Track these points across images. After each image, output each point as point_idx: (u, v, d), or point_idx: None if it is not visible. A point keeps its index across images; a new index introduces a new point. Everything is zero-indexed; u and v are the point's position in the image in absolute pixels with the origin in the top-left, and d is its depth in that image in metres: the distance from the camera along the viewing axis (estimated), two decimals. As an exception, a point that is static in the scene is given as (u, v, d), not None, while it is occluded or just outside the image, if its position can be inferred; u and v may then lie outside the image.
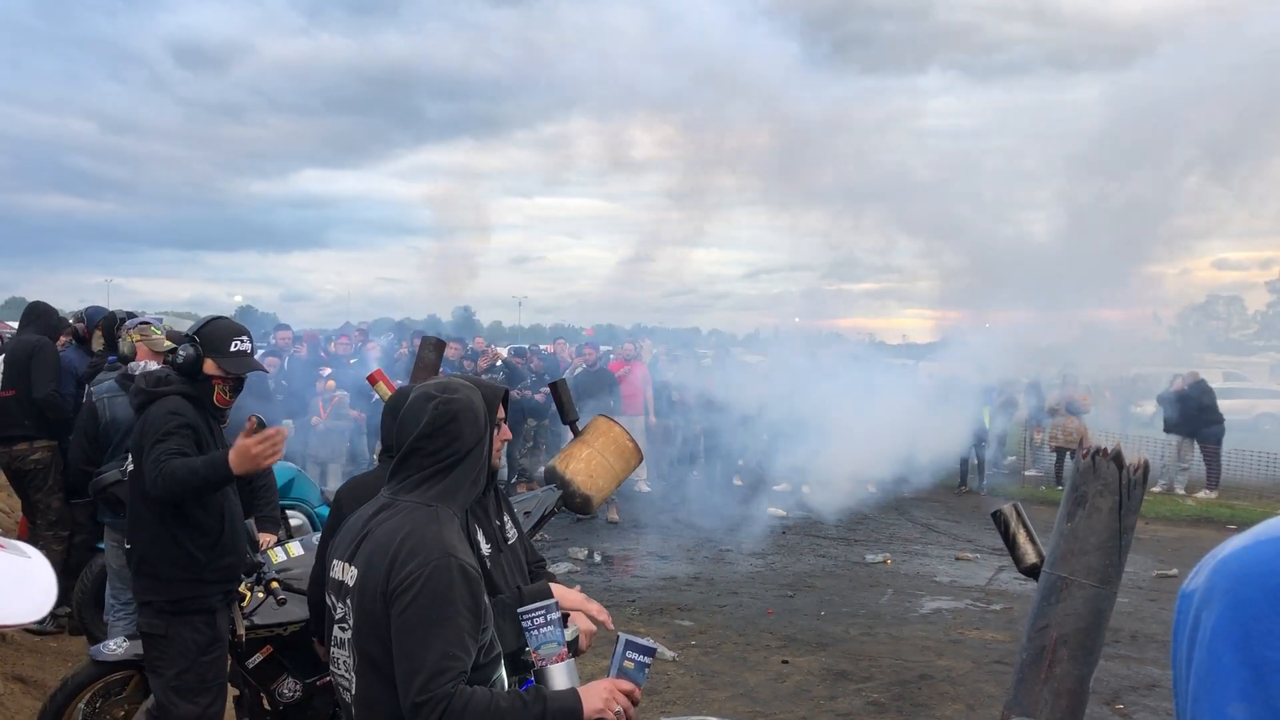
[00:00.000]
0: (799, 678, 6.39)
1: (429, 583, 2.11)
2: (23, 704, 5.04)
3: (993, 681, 6.35)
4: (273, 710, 4.18)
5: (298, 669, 4.12)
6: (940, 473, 16.59)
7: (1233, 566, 0.79)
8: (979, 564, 10.24)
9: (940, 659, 6.86)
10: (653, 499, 13.33)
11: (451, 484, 2.29)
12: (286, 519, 6.88)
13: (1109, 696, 6.13)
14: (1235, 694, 0.74)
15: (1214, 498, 14.80)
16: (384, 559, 2.17)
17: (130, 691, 4.29)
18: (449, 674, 2.07)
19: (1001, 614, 8.19)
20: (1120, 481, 2.83)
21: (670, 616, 7.74)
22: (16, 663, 5.65)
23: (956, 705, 5.99)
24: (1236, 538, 0.81)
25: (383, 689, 2.17)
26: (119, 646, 4.25)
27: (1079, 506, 2.87)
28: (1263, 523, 0.81)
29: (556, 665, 2.39)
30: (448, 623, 2.10)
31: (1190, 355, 18.38)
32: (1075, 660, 2.82)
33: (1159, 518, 12.90)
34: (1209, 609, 0.79)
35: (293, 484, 7.50)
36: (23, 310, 7.19)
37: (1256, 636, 0.74)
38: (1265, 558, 0.77)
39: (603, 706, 2.24)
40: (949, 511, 13.58)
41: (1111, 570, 2.82)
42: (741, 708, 5.78)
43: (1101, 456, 2.88)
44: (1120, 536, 2.82)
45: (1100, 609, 2.83)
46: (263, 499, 4.87)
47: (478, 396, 2.40)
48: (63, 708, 4.13)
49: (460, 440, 2.30)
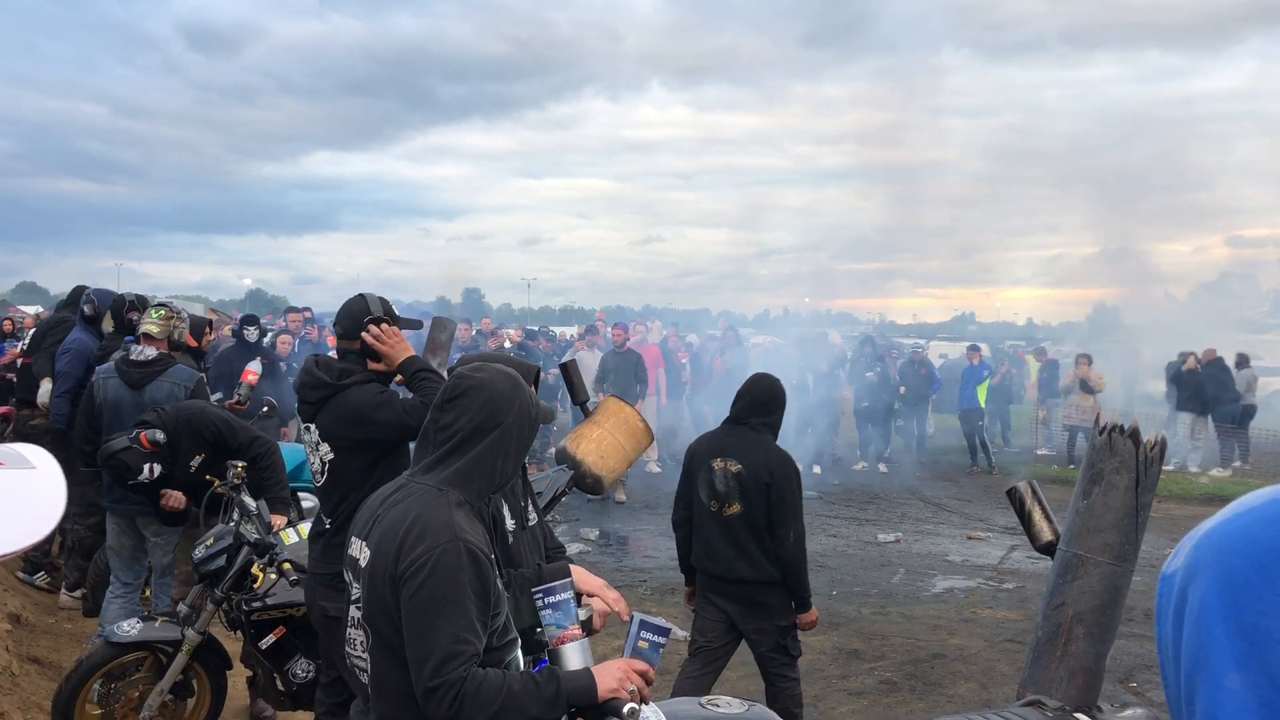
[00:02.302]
0: (811, 657, 6.39)
1: (437, 567, 2.10)
2: (38, 685, 5.07)
3: (1005, 660, 6.35)
4: (286, 690, 4.21)
5: (310, 649, 4.13)
6: (950, 452, 16.60)
7: (1215, 540, 0.79)
8: (991, 543, 10.22)
9: (953, 638, 6.86)
10: (664, 479, 13.34)
11: (465, 468, 2.26)
12: (298, 500, 6.88)
13: (1122, 675, 6.12)
14: (1230, 664, 0.74)
15: (1227, 475, 14.76)
16: (392, 542, 2.16)
17: (144, 672, 4.31)
18: (461, 658, 2.06)
19: (1014, 593, 8.18)
20: (1137, 458, 2.81)
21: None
22: (32, 644, 5.69)
23: (969, 684, 5.99)
24: (1214, 515, 0.81)
25: (397, 670, 2.17)
26: (132, 628, 4.26)
27: (1095, 483, 2.85)
28: (1240, 498, 0.81)
29: (570, 645, 2.38)
30: (457, 606, 2.09)
31: (1204, 333, 18.30)
32: (1091, 638, 2.81)
33: (1171, 496, 12.86)
34: (1195, 585, 0.79)
35: (303, 467, 7.51)
36: (30, 292, 7.59)
37: (1246, 605, 0.74)
38: (1247, 527, 0.77)
39: (617, 686, 2.23)
40: (960, 491, 13.55)
41: (1128, 548, 2.80)
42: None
43: (1118, 433, 2.85)
44: (1137, 514, 2.80)
45: (1117, 586, 2.81)
46: (270, 480, 4.88)
47: (506, 383, 2.33)
48: (77, 688, 4.15)
49: (468, 416, 2.26)
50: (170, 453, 4.76)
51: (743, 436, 4.59)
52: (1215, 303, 31.17)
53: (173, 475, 4.80)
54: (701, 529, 4.63)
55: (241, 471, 4.46)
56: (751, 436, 4.58)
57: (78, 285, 7.56)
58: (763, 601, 4.55)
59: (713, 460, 4.58)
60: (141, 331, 5.32)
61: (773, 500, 4.46)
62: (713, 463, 4.58)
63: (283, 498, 4.92)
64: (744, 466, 4.49)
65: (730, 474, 4.51)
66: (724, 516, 4.53)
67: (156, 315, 5.31)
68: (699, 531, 4.65)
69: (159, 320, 5.28)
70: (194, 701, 4.43)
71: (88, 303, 6.86)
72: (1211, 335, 18.03)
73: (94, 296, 6.84)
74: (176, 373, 5.22)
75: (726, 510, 4.52)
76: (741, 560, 4.51)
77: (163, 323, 5.28)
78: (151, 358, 5.18)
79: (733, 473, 4.51)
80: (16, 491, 0.69)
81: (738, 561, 4.52)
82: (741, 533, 4.51)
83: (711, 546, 4.59)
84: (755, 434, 4.58)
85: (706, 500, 4.58)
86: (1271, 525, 0.76)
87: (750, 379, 4.79)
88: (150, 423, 4.72)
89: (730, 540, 4.53)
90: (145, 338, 5.26)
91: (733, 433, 4.64)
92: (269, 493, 4.80)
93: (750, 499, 4.47)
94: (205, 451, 4.87)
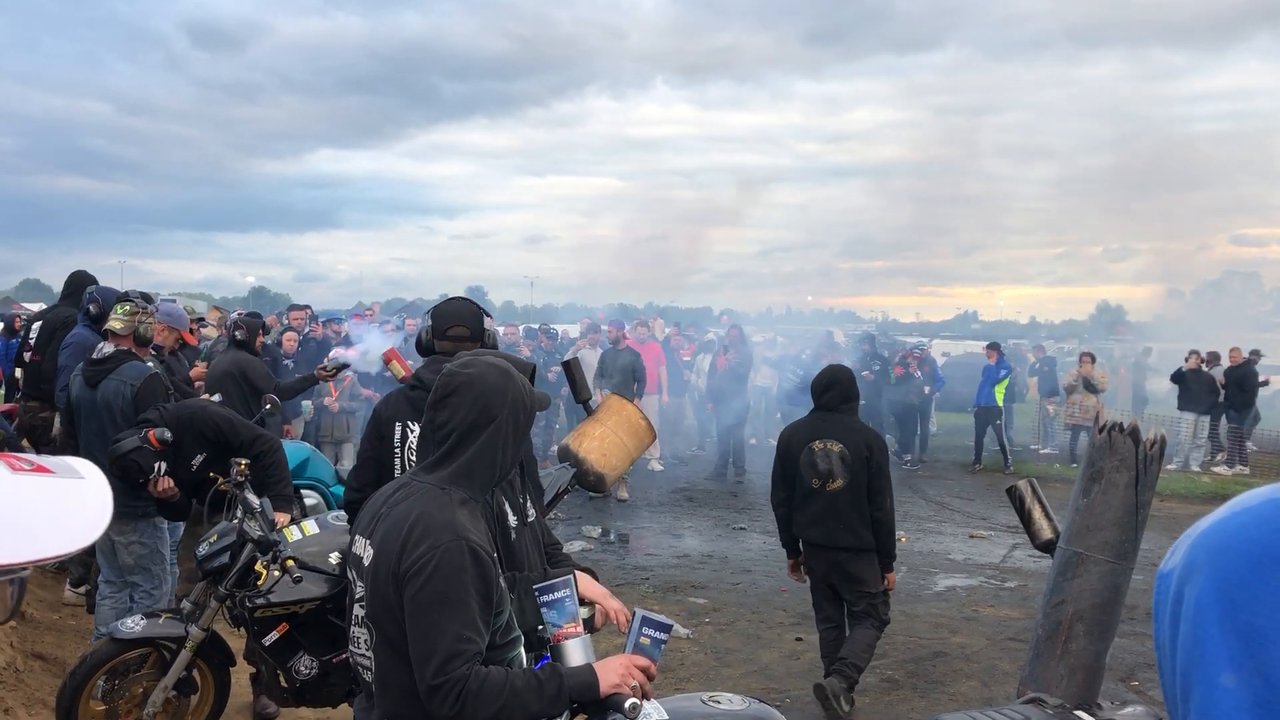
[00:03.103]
0: (813, 655, 6.39)
1: (440, 566, 2.10)
2: (42, 681, 5.09)
3: (1007, 658, 6.35)
4: (289, 687, 4.22)
5: (314, 646, 4.14)
6: (953, 450, 16.59)
7: (1212, 540, 0.80)
8: (993, 541, 10.23)
9: (954, 636, 6.86)
10: (666, 477, 13.36)
11: (465, 465, 2.26)
12: (301, 498, 6.90)
13: (1123, 673, 6.12)
14: (1226, 664, 0.74)
15: (1230, 474, 14.75)
16: (395, 541, 2.17)
17: (148, 669, 4.32)
18: (463, 657, 2.08)
19: (1016, 591, 8.18)
20: (1137, 457, 2.81)
21: (684, 594, 7.76)
22: (36, 640, 5.71)
23: (971, 682, 5.99)
24: (1211, 514, 0.82)
25: (401, 668, 2.18)
26: (136, 625, 4.28)
27: (1095, 482, 2.86)
28: (1236, 497, 0.82)
29: (572, 641, 2.39)
30: (460, 605, 2.10)
31: (1206, 332, 18.28)
32: (1091, 636, 2.81)
33: (1174, 495, 12.85)
34: (1191, 584, 0.79)
35: (307, 464, 7.54)
36: (33, 289, 7.53)
37: (1242, 605, 0.74)
38: (1243, 526, 0.78)
39: (619, 682, 2.24)
40: (962, 489, 13.55)
41: (1128, 546, 2.81)
42: (755, 684, 5.79)
43: (1118, 431, 2.86)
44: (1137, 512, 2.81)
45: (1117, 584, 2.82)
46: (273, 477, 4.88)
47: (497, 375, 2.33)
48: (81, 685, 4.17)
49: (461, 413, 2.26)
50: (173, 451, 4.76)
51: (837, 421, 5.31)
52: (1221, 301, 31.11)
53: (174, 474, 4.80)
54: (805, 505, 5.31)
55: (245, 469, 4.46)
56: (845, 420, 5.33)
57: (75, 271, 7.57)
58: (857, 570, 5.23)
59: (812, 443, 5.27)
60: (106, 328, 5.29)
61: (873, 473, 5.16)
62: (812, 445, 5.27)
63: (285, 495, 4.92)
64: (845, 446, 5.20)
65: (832, 454, 5.21)
66: (827, 491, 5.21)
67: (121, 311, 5.21)
68: (803, 507, 5.32)
69: (123, 316, 5.19)
70: (198, 698, 4.44)
71: (92, 301, 6.88)
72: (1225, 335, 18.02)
73: (98, 295, 6.87)
74: (126, 370, 5.12)
75: (830, 486, 5.21)
76: (843, 530, 5.18)
77: (127, 319, 5.19)
78: (107, 355, 5.14)
79: (834, 452, 5.21)
80: (65, 500, 0.73)
81: (840, 531, 5.19)
82: (844, 505, 5.19)
83: (815, 519, 5.26)
84: (848, 418, 5.34)
85: (808, 479, 5.26)
86: (1267, 525, 0.76)
87: (832, 371, 5.53)
88: (154, 421, 4.71)
89: (834, 513, 5.20)
90: (110, 335, 5.23)
91: (827, 418, 5.32)
92: (272, 490, 4.80)
93: (853, 474, 5.16)
94: (207, 450, 4.85)
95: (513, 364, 2.45)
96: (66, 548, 0.69)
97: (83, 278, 7.44)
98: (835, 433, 5.24)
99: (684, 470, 14.20)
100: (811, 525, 5.27)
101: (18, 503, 0.69)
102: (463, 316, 3.62)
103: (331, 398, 10.73)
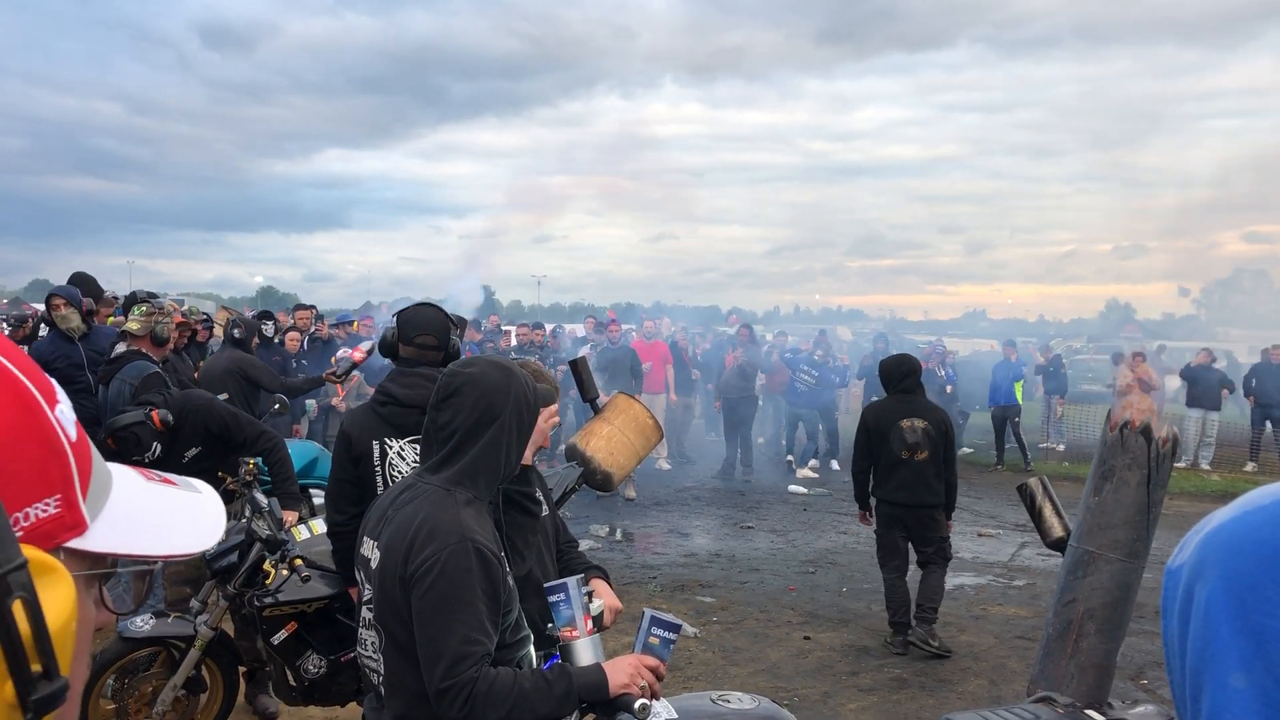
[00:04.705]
0: (821, 654, 6.39)
1: (446, 567, 2.09)
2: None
3: (1015, 657, 6.34)
4: (298, 686, 4.22)
5: (322, 645, 4.15)
6: (960, 448, 16.55)
7: (1223, 538, 0.78)
8: (1001, 540, 10.20)
9: (963, 635, 6.85)
10: (674, 476, 13.35)
11: (469, 466, 2.24)
12: (309, 497, 6.91)
13: (1133, 672, 6.10)
14: (1236, 664, 0.73)
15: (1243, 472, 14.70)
16: (401, 543, 2.16)
17: (157, 668, 4.33)
18: (471, 658, 2.07)
19: (1024, 590, 8.16)
20: (1149, 455, 2.80)
21: (692, 593, 7.75)
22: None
23: (979, 680, 5.98)
24: (1221, 511, 0.81)
25: (410, 670, 2.17)
26: (146, 624, 4.29)
27: (1106, 480, 2.84)
28: (1246, 494, 0.81)
29: (581, 641, 2.39)
30: (467, 606, 2.09)
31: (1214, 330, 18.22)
32: (1102, 635, 2.80)
33: (1183, 493, 12.81)
34: (1201, 582, 0.78)
35: (315, 463, 7.55)
36: (42, 290, 7.47)
37: (1253, 605, 0.73)
38: (1256, 526, 0.76)
39: (628, 682, 2.24)
40: (971, 488, 13.51)
41: (1139, 544, 2.80)
42: (764, 683, 5.79)
43: (1129, 429, 2.85)
44: (1149, 510, 2.80)
45: (1128, 583, 2.80)
46: (278, 475, 4.88)
47: (499, 373, 2.31)
48: (91, 684, 4.17)
49: (464, 413, 2.24)
50: (169, 438, 4.74)
51: (916, 401, 6.50)
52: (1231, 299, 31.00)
53: (165, 463, 4.78)
54: (893, 472, 6.40)
55: (254, 468, 4.46)
56: (922, 401, 6.55)
57: (74, 274, 7.54)
58: (932, 521, 6.40)
59: (900, 420, 6.38)
60: (124, 328, 5.32)
61: (947, 444, 6.38)
62: (901, 422, 6.37)
63: (292, 493, 4.92)
64: (929, 423, 6.37)
65: (919, 429, 6.34)
66: (915, 461, 6.34)
67: (139, 312, 5.27)
68: (890, 474, 6.41)
69: (140, 317, 5.25)
70: (206, 696, 4.45)
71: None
72: (1223, 333, 17.95)
73: (62, 294, 6.89)
74: (128, 369, 5.16)
75: (918, 456, 6.33)
76: (926, 491, 6.34)
77: (144, 319, 5.24)
78: (117, 354, 5.18)
79: (920, 428, 6.34)
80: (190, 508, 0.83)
81: (924, 493, 6.34)
82: (927, 472, 6.34)
83: (904, 483, 6.36)
84: (924, 399, 6.58)
85: (898, 450, 6.35)
86: (1279, 526, 0.75)
87: (909, 360, 6.74)
88: (158, 403, 4.69)
89: (919, 478, 6.34)
90: (126, 335, 5.27)
91: (909, 400, 6.48)
92: (278, 488, 4.81)
93: (935, 446, 6.33)
94: (203, 444, 4.83)
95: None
96: (193, 547, 0.79)
97: (82, 279, 7.43)
98: (919, 412, 6.40)
99: (691, 469, 14.19)
100: (900, 489, 6.35)
101: (154, 507, 0.79)
102: (432, 326, 3.61)
103: (339, 397, 10.75)
